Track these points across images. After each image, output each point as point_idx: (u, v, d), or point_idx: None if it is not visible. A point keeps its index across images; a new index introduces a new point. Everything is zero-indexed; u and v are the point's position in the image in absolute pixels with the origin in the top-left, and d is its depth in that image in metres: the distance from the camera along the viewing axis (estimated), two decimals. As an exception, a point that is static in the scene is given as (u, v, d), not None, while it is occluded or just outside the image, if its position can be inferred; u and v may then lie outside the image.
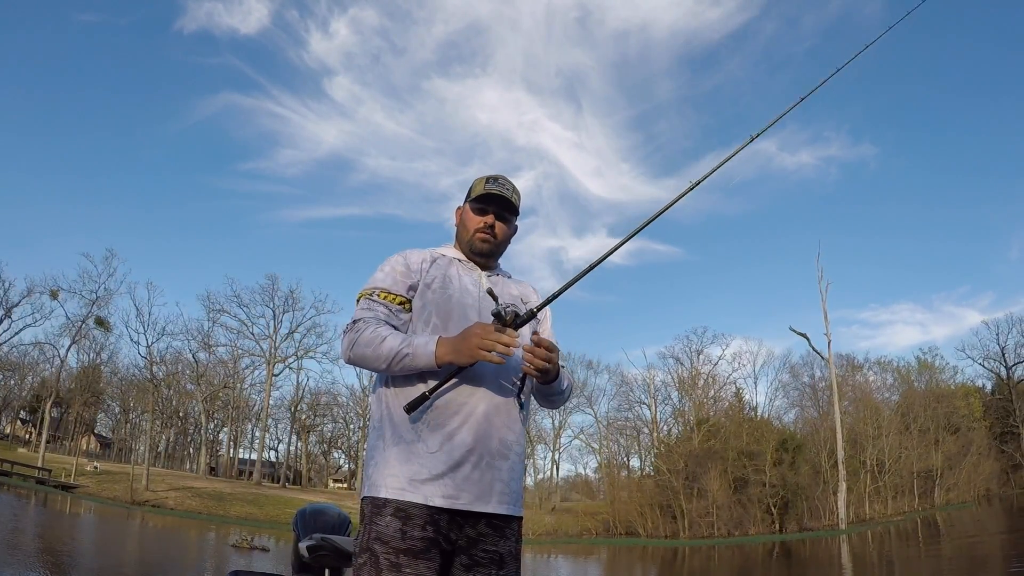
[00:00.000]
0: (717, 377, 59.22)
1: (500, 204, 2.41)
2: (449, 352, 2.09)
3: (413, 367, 2.13)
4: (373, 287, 2.33)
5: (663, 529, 45.69)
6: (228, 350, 65.44)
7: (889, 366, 63.15)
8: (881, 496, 47.79)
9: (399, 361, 2.12)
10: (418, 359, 2.11)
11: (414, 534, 2.02)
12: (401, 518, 2.04)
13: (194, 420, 72.49)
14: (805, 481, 44.87)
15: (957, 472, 49.48)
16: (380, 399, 2.28)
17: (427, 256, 2.43)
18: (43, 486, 42.62)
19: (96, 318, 56.78)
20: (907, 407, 53.41)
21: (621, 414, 61.89)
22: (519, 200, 2.46)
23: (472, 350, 2.05)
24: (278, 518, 43.91)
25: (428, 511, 2.05)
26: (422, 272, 2.37)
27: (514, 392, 2.31)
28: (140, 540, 24.30)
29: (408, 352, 2.11)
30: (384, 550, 2.01)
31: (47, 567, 13.10)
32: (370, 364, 2.18)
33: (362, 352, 2.17)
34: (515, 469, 2.27)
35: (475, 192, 2.42)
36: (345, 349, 2.23)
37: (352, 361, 2.23)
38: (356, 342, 2.19)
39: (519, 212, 2.48)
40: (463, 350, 2.07)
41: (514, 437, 2.27)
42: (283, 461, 72.83)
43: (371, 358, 2.16)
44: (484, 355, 2.04)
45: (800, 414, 58.09)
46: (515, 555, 2.23)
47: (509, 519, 2.22)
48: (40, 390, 64.63)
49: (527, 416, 2.42)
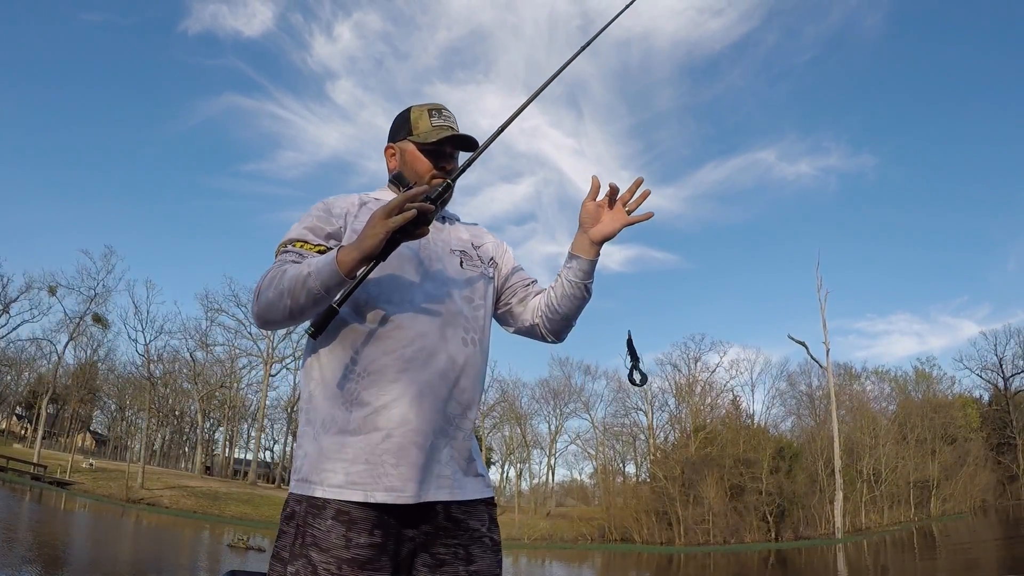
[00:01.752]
0: (714, 384, 59.27)
1: (455, 143, 2.04)
2: (352, 248, 1.66)
3: (319, 287, 1.68)
4: (287, 239, 1.91)
5: (659, 536, 45.63)
6: (225, 349, 65.45)
7: (886, 376, 63.25)
8: (877, 506, 47.76)
9: (303, 286, 1.70)
10: (322, 273, 1.67)
11: (360, 541, 1.69)
12: (344, 522, 1.70)
13: (190, 419, 72.44)
14: (801, 489, 44.88)
15: (953, 483, 49.49)
16: (308, 371, 1.87)
17: (355, 200, 2.02)
18: (38, 482, 42.52)
19: (94, 315, 56.83)
20: (904, 417, 53.43)
21: (618, 420, 61.97)
22: (478, 144, 2.02)
23: (377, 224, 1.63)
24: (273, 518, 43.81)
25: (375, 512, 1.72)
26: (347, 217, 1.96)
27: (475, 329, 1.93)
28: (137, 538, 24.26)
29: (309, 271, 1.70)
30: (324, 559, 1.68)
31: (43, 563, 13.07)
32: (277, 310, 1.76)
33: (266, 298, 1.77)
34: (471, 438, 1.91)
35: (421, 129, 2.05)
36: (252, 307, 1.83)
37: (260, 316, 1.81)
38: (260, 289, 1.79)
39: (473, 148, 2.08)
40: (366, 233, 1.64)
41: (473, 397, 1.90)
42: (278, 461, 72.73)
43: (275, 300, 1.75)
44: (396, 219, 1.62)
45: (797, 422, 58.19)
46: (489, 545, 1.88)
47: (473, 504, 1.88)
48: (36, 386, 64.52)
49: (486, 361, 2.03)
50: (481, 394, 1.98)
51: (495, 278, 2.12)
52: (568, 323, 2.14)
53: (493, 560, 1.87)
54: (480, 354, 1.94)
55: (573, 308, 2.09)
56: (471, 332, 1.92)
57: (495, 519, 1.95)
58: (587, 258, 2.02)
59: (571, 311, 2.10)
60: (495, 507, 1.97)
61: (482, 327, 1.98)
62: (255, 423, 67.86)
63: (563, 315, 2.10)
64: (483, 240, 2.16)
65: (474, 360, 1.91)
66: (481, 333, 1.97)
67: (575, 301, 2.07)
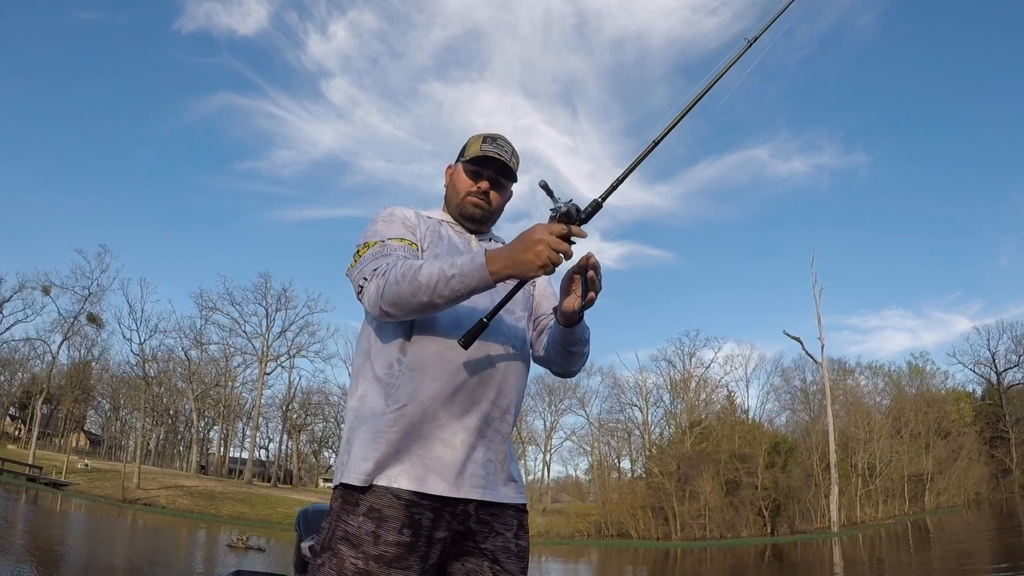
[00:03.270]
0: (709, 380, 59.49)
1: (496, 168, 2.12)
2: (506, 263, 1.71)
3: (463, 289, 1.74)
4: (379, 238, 1.98)
5: (655, 531, 45.76)
6: (220, 348, 65.44)
7: (880, 371, 63.52)
8: (872, 500, 47.98)
9: (446, 285, 1.74)
10: (469, 277, 1.73)
11: (388, 538, 1.73)
12: (375, 519, 1.75)
13: (184, 418, 72.28)
14: (797, 484, 45.05)
15: (947, 476, 49.75)
16: (361, 370, 1.95)
17: (412, 213, 2.11)
18: (34, 483, 42.39)
19: (88, 314, 56.68)
20: (898, 411, 53.66)
21: (613, 416, 62.14)
22: (518, 164, 2.17)
23: (537, 255, 1.68)
24: (270, 517, 43.85)
25: (406, 512, 1.75)
26: (415, 227, 2.06)
27: (516, 339, 2.01)
28: (137, 538, 24.25)
29: (454, 273, 1.74)
30: (352, 554, 1.72)
31: (45, 564, 13.05)
32: (408, 302, 1.79)
33: (396, 291, 1.79)
34: (508, 443, 1.97)
35: (470, 152, 2.13)
36: (374, 297, 1.84)
37: (385, 307, 1.82)
38: (388, 282, 1.81)
39: (517, 178, 2.18)
40: (524, 257, 1.69)
41: (512, 402, 1.96)
42: (274, 460, 72.68)
43: (408, 294, 1.77)
44: (553, 257, 1.68)
45: (791, 417, 58.44)
46: (515, 552, 1.91)
47: (503, 508, 1.92)
48: (30, 386, 64.26)
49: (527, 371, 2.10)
50: (520, 401, 2.03)
51: (533, 296, 2.22)
52: (573, 368, 2.18)
53: (518, 567, 1.91)
54: (519, 363, 2.00)
55: (572, 363, 2.15)
56: (512, 341, 1.99)
57: (524, 526, 1.98)
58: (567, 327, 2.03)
59: (572, 364, 2.16)
60: (526, 514, 2.00)
61: (522, 338, 2.06)
62: (250, 422, 67.84)
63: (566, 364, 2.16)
64: None
65: (515, 367, 1.98)
66: (521, 343, 2.04)
67: (571, 359, 2.13)
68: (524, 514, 1.99)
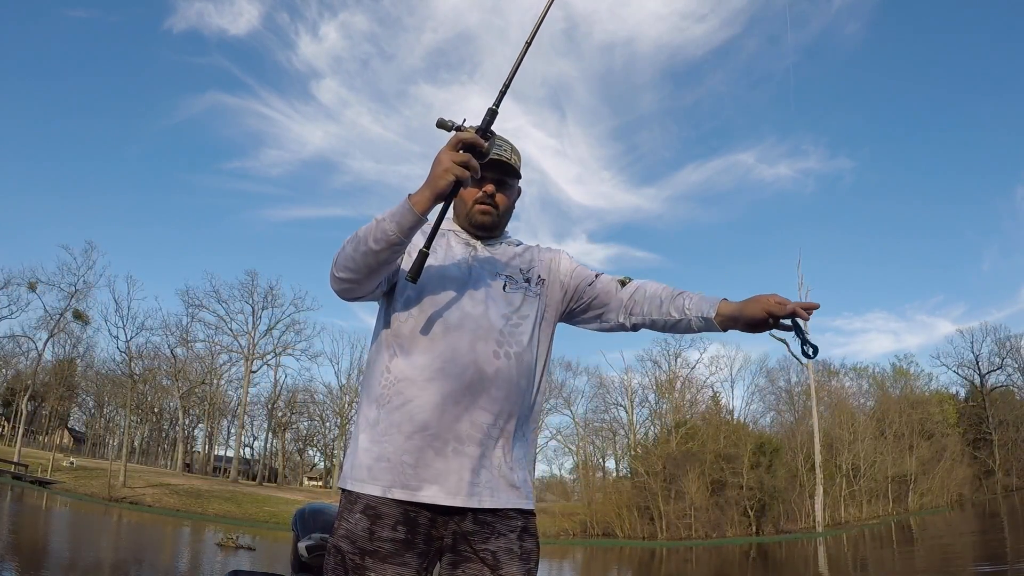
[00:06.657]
0: (694, 380, 59.70)
1: (500, 170, 2.08)
2: (422, 188, 1.80)
3: (395, 228, 1.79)
4: None
5: (641, 530, 45.92)
6: (206, 346, 65.04)
7: (865, 372, 63.86)
8: (856, 500, 48.34)
9: (378, 227, 1.81)
10: (395, 214, 1.80)
11: (383, 535, 1.80)
12: (370, 516, 1.82)
13: (169, 416, 71.88)
14: (781, 484, 45.34)
15: (931, 477, 50.12)
16: (365, 377, 2.04)
17: None
18: (20, 481, 42.08)
19: (74, 311, 56.28)
20: (882, 413, 54.03)
21: (598, 416, 62.26)
22: (519, 162, 2.15)
23: (441, 166, 1.77)
24: (256, 516, 43.72)
25: (401, 510, 1.82)
26: None
27: (513, 343, 1.99)
28: (126, 537, 24.15)
29: (383, 216, 1.81)
30: (350, 550, 1.81)
31: (40, 562, 13.03)
32: (353, 259, 1.86)
33: (342, 254, 1.89)
34: (510, 448, 1.95)
35: None
36: (331, 271, 1.93)
37: (338, 273, 1.91)
38: (338, 253, 1.91)
39: (520, 175, 2.16)
40: (433, 175, 1.78)
41: (506, 407, 1.94)
42: (259, 458, 72.35)
43: (351, 251, 1.86)
44: (455, 167, 1.77)
45: (776, 418, 58.76)
46: (520, 554, 1.89)
47: (505, 512, 1.90)
48: (14, 383, 63.75)
49: (542, 369, 2.10)
50: (523, 404, 1.99)
51: (543, 295, 2.14)
52: (656, 328, 2.21)
53: (521, 569, 1.89)
54: (516, 366, 1.96)
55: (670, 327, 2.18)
56: (506, 346, 1.96)
57: (529, 529, 1.96)
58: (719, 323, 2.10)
59: (666, 327, 2.18)
60: (533, 517, 1.98)
61: (521, 341, 2.00)
62: (235, 420, 67.55)
63: (659, 325, 2.18)
64: (534, 263, 2.18)
65: (507, 372, 1.94)
66: (520, 347, 1.99)
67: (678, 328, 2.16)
68: (529, 517, 1.97)
